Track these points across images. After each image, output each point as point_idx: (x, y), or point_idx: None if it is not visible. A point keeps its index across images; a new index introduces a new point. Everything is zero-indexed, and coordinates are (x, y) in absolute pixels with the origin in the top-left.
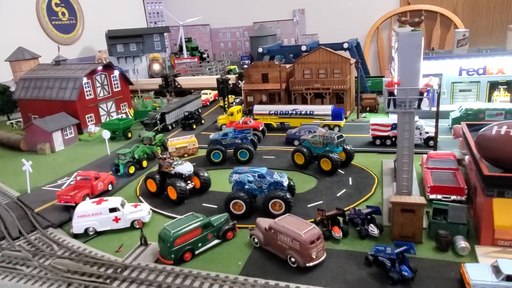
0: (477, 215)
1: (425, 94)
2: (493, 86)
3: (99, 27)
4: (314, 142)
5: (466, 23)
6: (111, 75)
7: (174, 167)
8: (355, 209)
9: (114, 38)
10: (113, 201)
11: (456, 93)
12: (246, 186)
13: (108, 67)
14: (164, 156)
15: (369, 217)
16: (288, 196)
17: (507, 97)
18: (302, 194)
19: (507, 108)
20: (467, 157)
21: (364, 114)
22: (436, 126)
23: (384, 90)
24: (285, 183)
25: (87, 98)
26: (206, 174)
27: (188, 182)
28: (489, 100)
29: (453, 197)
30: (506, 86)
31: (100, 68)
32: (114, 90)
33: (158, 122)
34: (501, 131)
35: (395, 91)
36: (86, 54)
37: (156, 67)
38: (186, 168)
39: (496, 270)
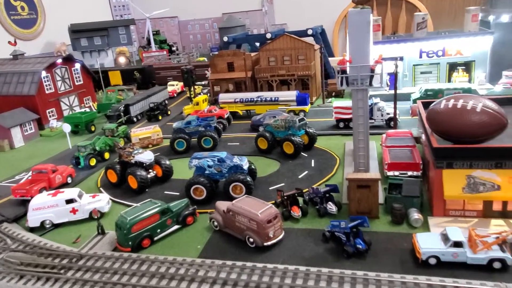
0: (430, 188)
1: (388, 78)
2: (452, 67)
3: (61, 21)
4: (277, 126)
5: (430, 9)
6: (72, 68)
7: (134, 156)
8: (313, 188)
9: (77, 32)
10: (70, 192)
11: (417, 75)
12: (206, 171)
13: (69, 60)
14: (124, 146)
15: (327, 195)
16: (248, 179)
17: (465, 78)
18: (264, 177)
19: (465, 88)
20: (423, 134)
21: (329, 99)
22: (395, 106)
23: (336, 68)
24: (245, 167)
25: (47, 92)
26: (167, 162)
27: (150, 170)
28: (449, 80)
29: (409, 173)
30: (464, 67)
31: (59, 61)
32: (76, 83)
33: (122, 114)
34: (449, 105)
35: (347, 69)
36: (48, 49)
37: (122, 60)
38: (146, 156)
39: (445, 237)
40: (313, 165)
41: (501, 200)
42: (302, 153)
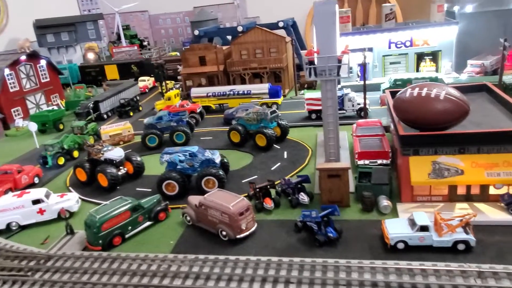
0: (398, 175)
1: (358, 68)
2: (420, 57)
3: (25, 16)
4: (249, 119)
5: (399, 0)
6: (37, 65)
7: (103, 154)
8: (285, 179)
9: (43, 27)
10: (36, 192)
11: (387, 66)
12: (178, 166)
13: (33, 57)
14: (94, 143)
15: (299, 186)
16: (220, 172)
17: (433, 67)
18: (237, 170)
19: (432, 77)
20: (392, 123)
21: (302, 91)
22: (364, 97)
23: (304, 60)
24: (217, 160)
25: (11, 90)
26: (139, 159)
27: (120, 167)
28: (417, 70)
29: (379, 161)
30: (431, 57)
31: (23, 58)
32: (42, 81)
33: (92, 111)
34: (414, 93)
35: (315, 60)
36: (12, 46)
37: (91, 56)
38: (116, 153)
39: (412, 222)
40: (285, 156)
41: (464, 184)
42: (274, 145)
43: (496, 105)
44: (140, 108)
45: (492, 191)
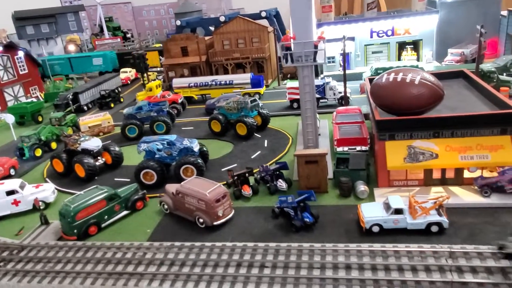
0: (375, 161)
1: (340, 58)
2: (401, 46)
3: (3, 8)
4: (229, 108)
5: None
6: (15, 57)
7: (79, 144)
8: (264, 166)
9: (22, 19)
10: (10, 183)
11: (369, 55)
12: (156, 155)
13: (11, 48)
14: (71, 134)
15: (277, 173)
16: (199, 161)
17: (414, 56)
18: (217, 159)
19: (414, 66)
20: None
21: (285, 81)
22: (345, 85)
23: (280, 46)
24: (196, 149)
25: None
26: (117, 149)
27: (98, 158)
28: (399, 59)
29: (358, 148)
30: (412, 46)
31: (0, 49)
32: (20, 72)
33: (71, 102)
34: (390, 78)
35: (292, 47)
36: None
37: (72, 48)
38: (93, 143)
39: (387, 206)
40: (266, 145)
41: (439, 167)
42: (255, 134)
43: (472, 91)
44: (122, 100)
45: (466, 174)
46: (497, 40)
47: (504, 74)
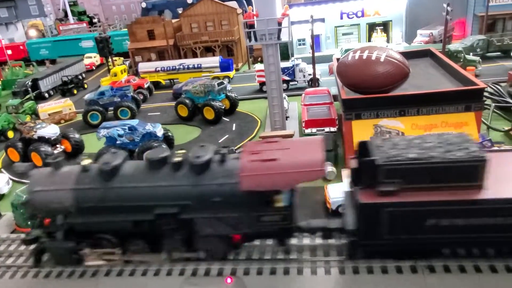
0: (343, 141)
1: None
2: (371, 27)
3: None
4: (196, 92)
5: None
6: None
7: (35, 131)
8: (231, 148)
9: None
10: None
11: (339, 37)
12: (117, 141)
13: None
14: (26, 121)
15: None
16: (163, 146)
17: (384, 37)
18: (183, 144)
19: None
20: None
21: (256, 65)
22: (313, 66)
23: (243, 24)
24: (159, 133)
25: None
26: (77, 136)
27: (57, 146)
28: (369, 41)
29: (326, 129)
30: (382, 27)
31: None
32: None
33: (30, 89)
34: (356, 56)
35: (255, 24)
36: None
37: (33, 33)
38: (50, 130)
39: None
40: (234, 129)
41: None
42: (223, 118)
43: (439, 69)
44: (85, 86)
45: None
46: (465, 21)
47: (471, 54)
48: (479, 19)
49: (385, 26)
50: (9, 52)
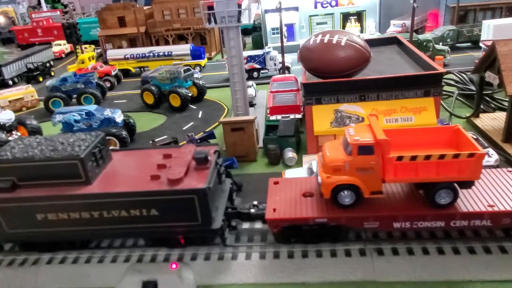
0: (305, 127)
1: (285, 28)
2: (346, 17)
3: None
4: (162, 78)
5: None
6: None
7: None
8: (189, 135)
9: None
10: None
11: (313, 26)
12: (74, 128)
13: None
14: None
15: (204, 142)
16: (123, 132)
17: (358, 27)
18: (147, 131)
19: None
20: None
21: None
22: (282, 55)
23: (202, 5)
24: (118, 119)
25: None
26: (34, 122)
27: (12, 132)
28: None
29: (291, 116)
30: (356, 17)
31: None
32: None
33: None
34: (317, 40)
35: (214, 6)
36: None
37: (1, 20)
38: (4, 116)
39: (310, 171)
40: (200, 116)
41: None
42: (190, 105)
43: (403, 56)
44: (52, 73)
45: None
46: (438, 12)
47: (440, 43)
48: (451, 10)
49: (359, 16)
50: None
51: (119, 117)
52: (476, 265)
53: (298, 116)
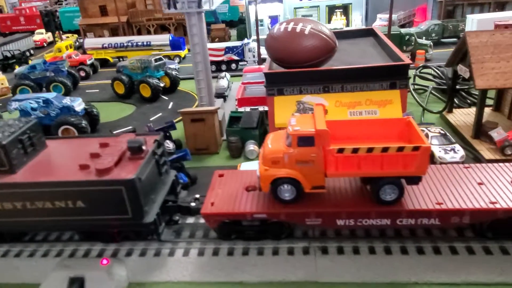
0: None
1: (269, 21)
2: (331, 10)
3: None
4: (133, 67)
5: None
6: None
7: None
8: (149, 126)
9: None
10: None
11: None
12: (32, 116)
13: None
14: None
15: (167, 134)
16: (81, 121)
17: (343, 20)
18: (112, 122)
19: (338, 28)
20: None
21: (209, 45)
22: (258, 46)
23: None
24: (78, 108)
25: None
26: None
27: None
28: (329, 23)
29: (260, 108)
30: (342, 10)
31: None
32: None
33: None
34: (281, 28)
35: None
36: None
37: None
38: None
39: None
40: (170, 107)
41: None
42: (162, 96)
43: (377, 48)
44: (30, 62)
45: None
46: (426, 7)
47: (424, 38)
48: (439, 5)
49: (345, 9)
50: None
51: (78, 105)
52: (423, 266)
53: (267, 108)
